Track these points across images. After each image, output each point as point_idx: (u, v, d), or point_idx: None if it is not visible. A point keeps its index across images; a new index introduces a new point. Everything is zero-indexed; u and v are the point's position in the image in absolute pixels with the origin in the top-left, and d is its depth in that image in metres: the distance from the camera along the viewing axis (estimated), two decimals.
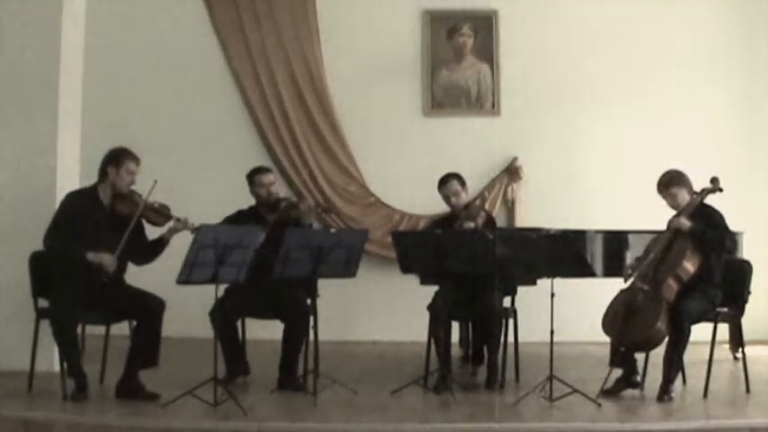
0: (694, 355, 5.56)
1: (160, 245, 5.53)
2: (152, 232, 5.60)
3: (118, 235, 5.25)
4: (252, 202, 6.04)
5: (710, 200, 5.54)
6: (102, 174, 5.42)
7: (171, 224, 5.46)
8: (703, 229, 5.39)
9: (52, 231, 5.28)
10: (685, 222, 5.41)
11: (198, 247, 4.93)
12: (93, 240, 5.22)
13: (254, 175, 6.05)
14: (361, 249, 5.58)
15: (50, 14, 6.20)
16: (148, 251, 5.54)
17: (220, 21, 8.36)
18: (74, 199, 5.44)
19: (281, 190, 6.35)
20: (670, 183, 5.56)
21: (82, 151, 6.42)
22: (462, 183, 6.15)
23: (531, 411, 5.05)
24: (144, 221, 5.48)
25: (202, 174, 8.16)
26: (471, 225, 5.92)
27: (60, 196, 5.63)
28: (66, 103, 6.28)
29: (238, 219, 5.92)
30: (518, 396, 5.30)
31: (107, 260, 5.21)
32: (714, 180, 5.51)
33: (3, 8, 6.20)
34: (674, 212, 5.55)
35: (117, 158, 5.39)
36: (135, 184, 5.43)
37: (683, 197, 5.53)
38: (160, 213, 5.44)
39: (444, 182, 6.15)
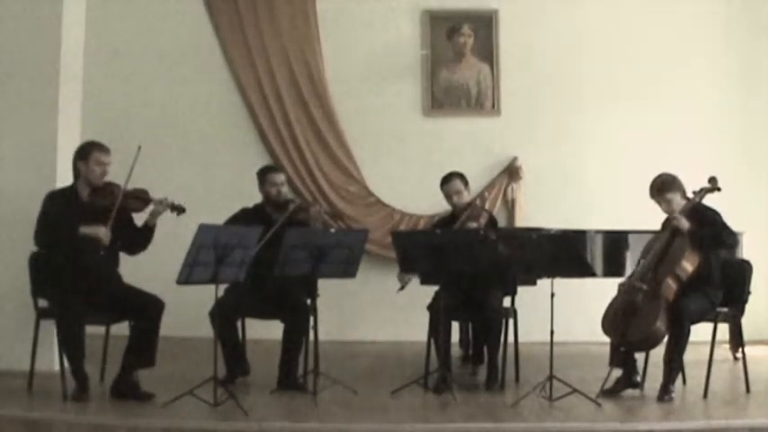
0: (694, 355, 5.55)
1: (147, 231, 5.47)
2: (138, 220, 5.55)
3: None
4: (254, 200, 6.03)
5: (710, 200, 5.53)
6: (75, 171, 5.40)
7: (151, 207, 5.40)
8: (699, 229, 5.38)
9: (40, 229, 5.25)
10: (684, 222, 5.39)
11: (198, 246, 4.93)
12: (75, 236, 5.19)
13: (266, 173, 6.02)
14: (361, 249, 5.59)
15: (50, 14, 6.19)
16: (139, 239, 5.49)
17: (220, 21, 8.36)
18: (52, 198, 5.40)
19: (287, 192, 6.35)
20: (664, 188, 5.51)
21: None
22: (465, 182, 6.15)
23: (531, 411, 5.04)
24: (126, 209, 5.39)
25: (202, 173, 8.17)
26: (474, 225, 5.92)
27: None
28: (66, 103, 6.27)
29: (243, 217, 5.90)
30: (518, 396, 5.30)
31: (102, 232, 5.19)
32: (712, 179, 5.49)
33: (3, 8, 6.19)
34: None
35: (83, 153, 5.36)
36: (108, 175, 5.37)
37: (678, 202, 5.49)
38: (139, 198, 5.37)
39: (447, 180, 6.15)
